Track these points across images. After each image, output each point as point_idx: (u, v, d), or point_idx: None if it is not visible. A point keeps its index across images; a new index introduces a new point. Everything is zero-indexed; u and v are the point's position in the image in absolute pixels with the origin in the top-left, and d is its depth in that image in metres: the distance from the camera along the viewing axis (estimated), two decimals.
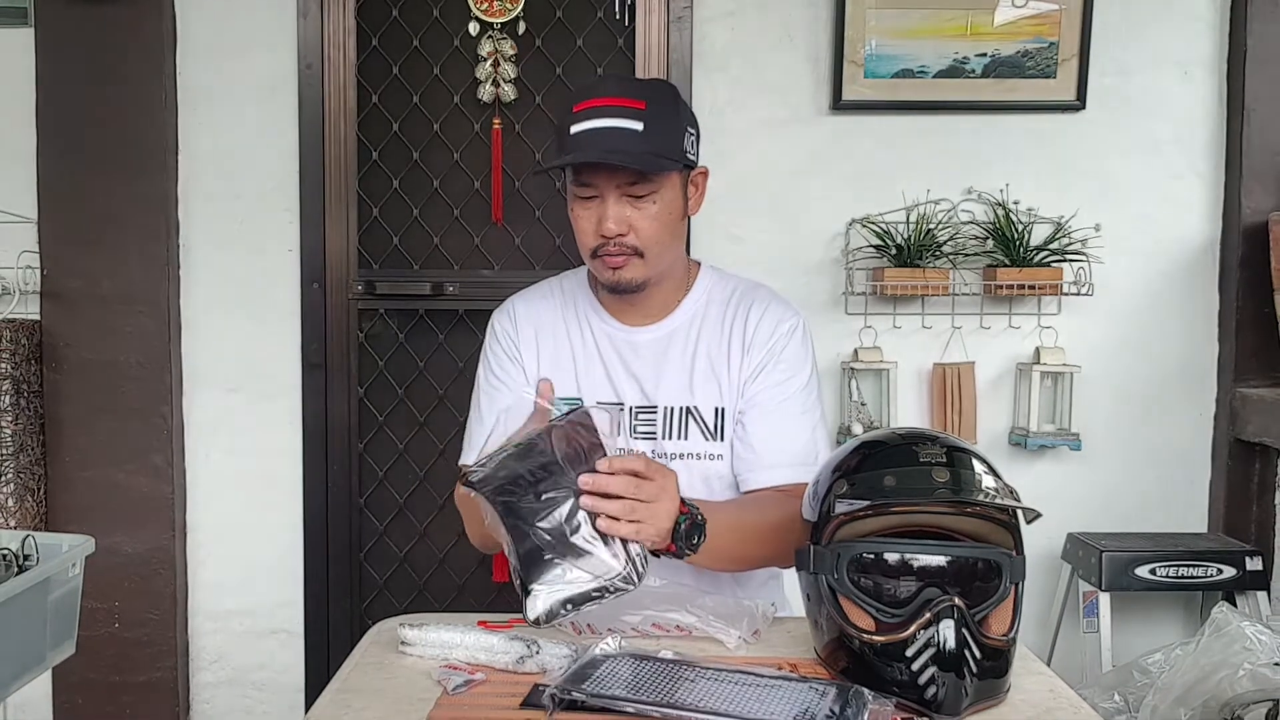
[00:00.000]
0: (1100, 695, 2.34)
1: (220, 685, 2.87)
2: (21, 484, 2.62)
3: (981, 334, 2.82)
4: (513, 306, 1.72)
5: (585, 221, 1.55)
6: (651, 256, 1.56)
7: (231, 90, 2.77)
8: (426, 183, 2.84)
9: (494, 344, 1.71)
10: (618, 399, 1.64)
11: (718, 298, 1.68)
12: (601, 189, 1.52)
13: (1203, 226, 2.84)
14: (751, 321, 1.64)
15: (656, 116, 1.50)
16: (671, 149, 1.52)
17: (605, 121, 1.48)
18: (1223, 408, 2.82)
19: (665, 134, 1.51)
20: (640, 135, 1.48)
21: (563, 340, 1.67)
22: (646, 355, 1.65)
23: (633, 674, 1.20)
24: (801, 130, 2.80)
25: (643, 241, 1.54)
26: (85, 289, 2.69)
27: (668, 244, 1.58)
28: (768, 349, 1.63)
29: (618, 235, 1.52)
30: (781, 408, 1.62)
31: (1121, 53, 2.79)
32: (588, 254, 1.58)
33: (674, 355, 1.64)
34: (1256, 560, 2.60)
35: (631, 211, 1.52)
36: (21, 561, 1.41)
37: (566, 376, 1.66)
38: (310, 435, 2.84)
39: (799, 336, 1.65)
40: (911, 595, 1.18)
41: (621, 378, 1.64)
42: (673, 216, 1.57)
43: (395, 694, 1.22)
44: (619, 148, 1.48)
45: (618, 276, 1.56)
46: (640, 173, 1.50)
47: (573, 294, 1.71)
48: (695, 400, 1.63)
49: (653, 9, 2.79)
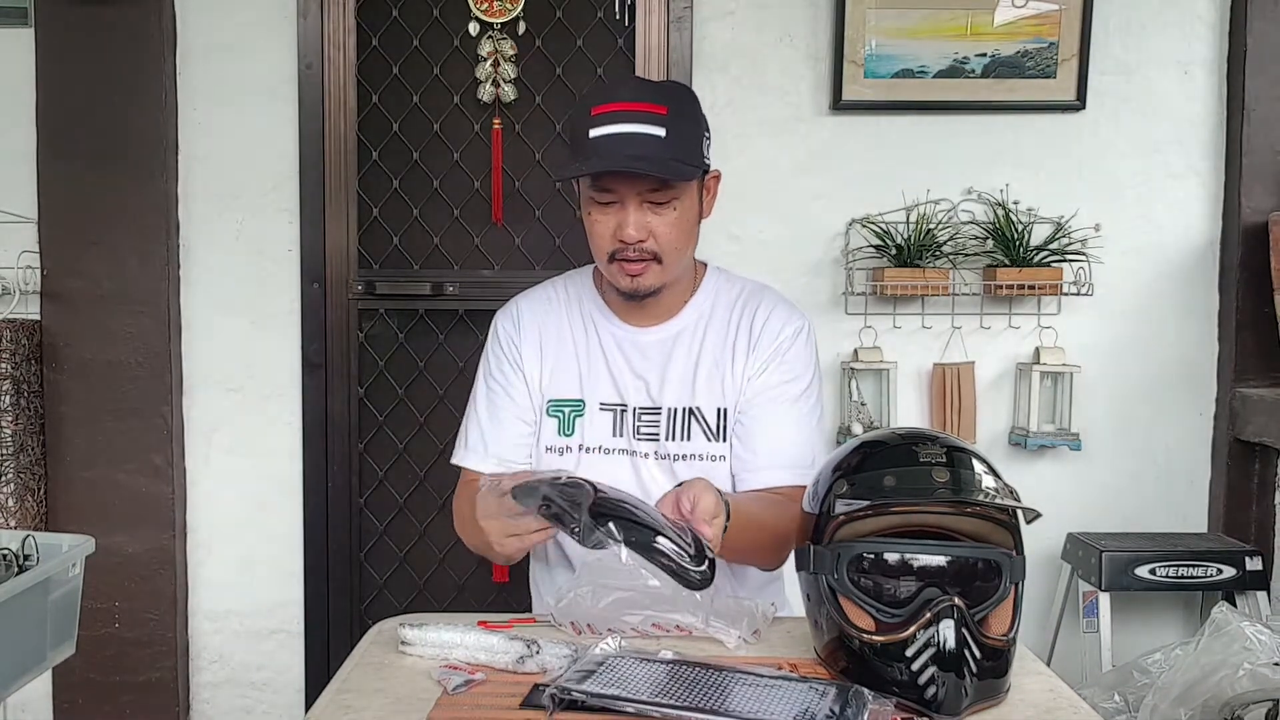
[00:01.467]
0: (1100, 695, 2.34)
1: (220, 685, 2.87)
2: (21, 484, 2.62)
3: (981, 334, 2.82)
4: (516, 307, 1.72)
5: (603, 227, 1.54)
6: (669, 263, 1.56)
7: (231, 90, 2.77)
8: (426, 183, 2.84)
9: (495, 346, 1.71)
10: (621, 400, 1.64)
11: (724, 299, 1.68)
12: (622, 195, 1.51)
13: (1203, 226, 2.84)
14: (758, 322, 1.64)
15: (678, 122, 1.50)
16: (693, 154, 1.52)
17: (627, 127, 1.47)
18: (1223, 408, 2.82)
19: (686, 139, 1.51)
20: (662, 141, 1.47)
21: (567, 341, 1.67)
22: (653, 356, 1.65)
23: (633, 674, 1.20)
24: (801, 130, 2.80)
25: (662, 247, 1.54)
26: (85, 289, 2.69)
27: (685, 249, 1.59)
28: (772, 350, 1.63)
29: (638, 241, 1.52)
30: (782, 409, 1.62)
31: (1121, 53, 2.79)
32: (604, 258, 1.57)
33: (679, 356, 1.64)
34: (1256, 560, 2.60)
35: (652, 218, 1.52)
36: (22, 561, 1.41)
37: (570, 377, 1.66)
38: (310, 435, 2.84)
39: (804, 339, 1.66)
40: (911, 595, 1.18)
41: (626, 379, 1.64)
42: (691, 221, 1.58)
43: (395, 694, 1.22)
44: (642, 154, 1.47)
45: (636, 284, 1.56)
46: (663, 180, 1.50)
47: (578, 294, 1.70)
48: (698, 401, 1.62)
49: (653, 9, 2.79)
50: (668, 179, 1.50)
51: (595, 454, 1.63)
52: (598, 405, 1.64)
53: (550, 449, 1.65)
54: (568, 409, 1.65)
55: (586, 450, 1.63)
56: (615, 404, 1.64)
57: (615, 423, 1.63)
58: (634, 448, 1.62)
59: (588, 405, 1.64)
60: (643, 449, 1.62)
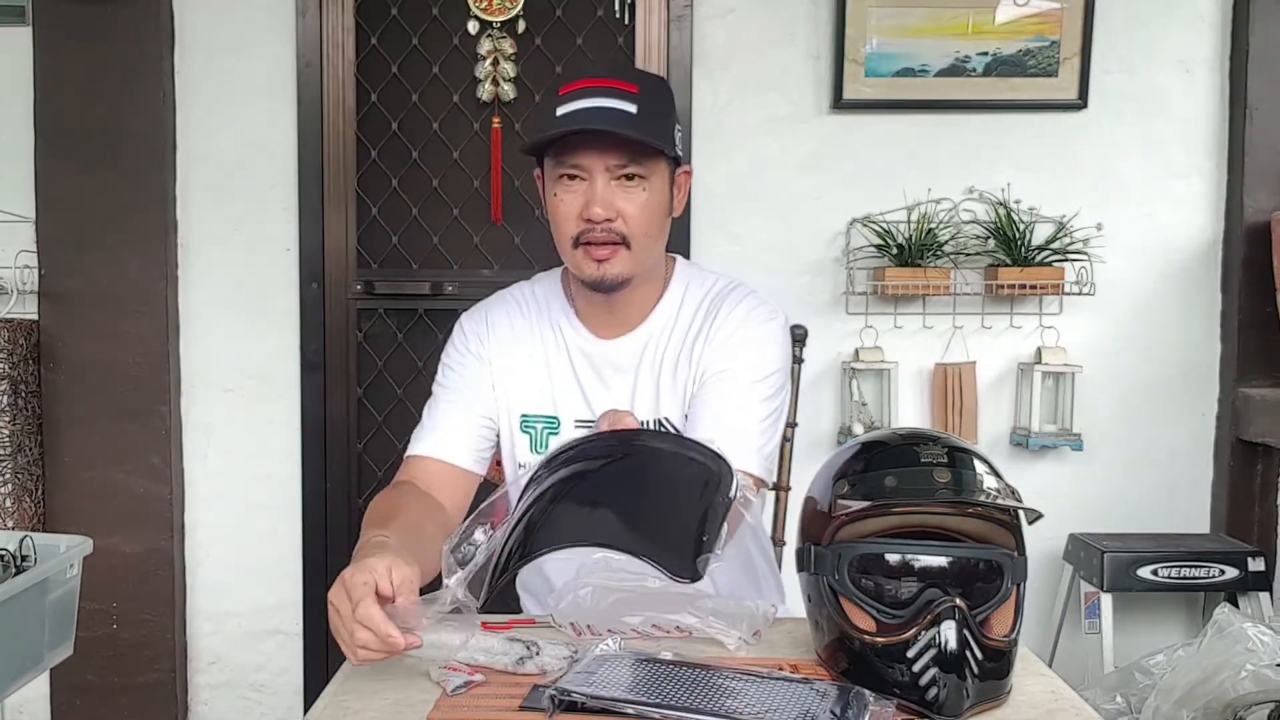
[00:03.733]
0: (1102, 696, 2.33)
1: (218, 687, 2.86)
2: (19, 484, 2.61)
3: (983, 334, 2.82)
4: (486, 314, 1.65)
5: (568, 206, 1.46)
6: (638, 249, 1.48)
7: (230, 89, 2.76)
8: (426, 182, 2.84)
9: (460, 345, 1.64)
10: (591, 414, 1.57)
11: (691, 299, 1.60)
12: (589, 169, 1.45)
13: (1205, 226, 2.83)
14: (720, 318, 1.57)
15: (649, 102, 1.45)
16: (664, 136, 1.47)
17: (597, 101, 1.42)
18: (1225, 408, 2.82)
19: (658, 121, 1.46)
20: (634, 118, 1.42)
21: (537, 353, 1.61)
22: (623, 368, 1.59)
23: (633, 675, 1.20)
24: (802, 129, 2.79)
25: (630, 229, 1.46)
26: (83, 289, 2.69)
27: (654, 238, 1.52)
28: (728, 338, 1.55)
29: (605, 220, 1.45)
30: (735, 390, 1.53)
31: (1124, 51, 2.78)
32: (568, 243, 1.49)
33: (645, 367, 1.59)
34: (1259, 561, 2.60)
35: (620, 197, 1.46)
36: (19, 562, 1.40)
37: (541, 392, 1.60)
38: (309, 435, 2.83)
39: (770, 330, 1.57)
40: (913, 596, 1.17)
41: (597, 393, 1.59)
42: (660, 209, 1.51)
43: (394, 695, 1.22)
44: (612, 126, 1.42)
45: (602, 271, 1.48)
46: (632, 153, 1.44)
47: (546, 301, 1.63)
48: (663, 411, 1.57)
49: (653, 8, 2.78)
50: (641, 141, 1.43)
51: None
52: (572, 422, 1.58)
53: (523, 466, 1.59)
54: (540, 425, 1.60)
55: None
56: (589, 420, 1.57)
57: None
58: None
59: (562, 423, 1.59)
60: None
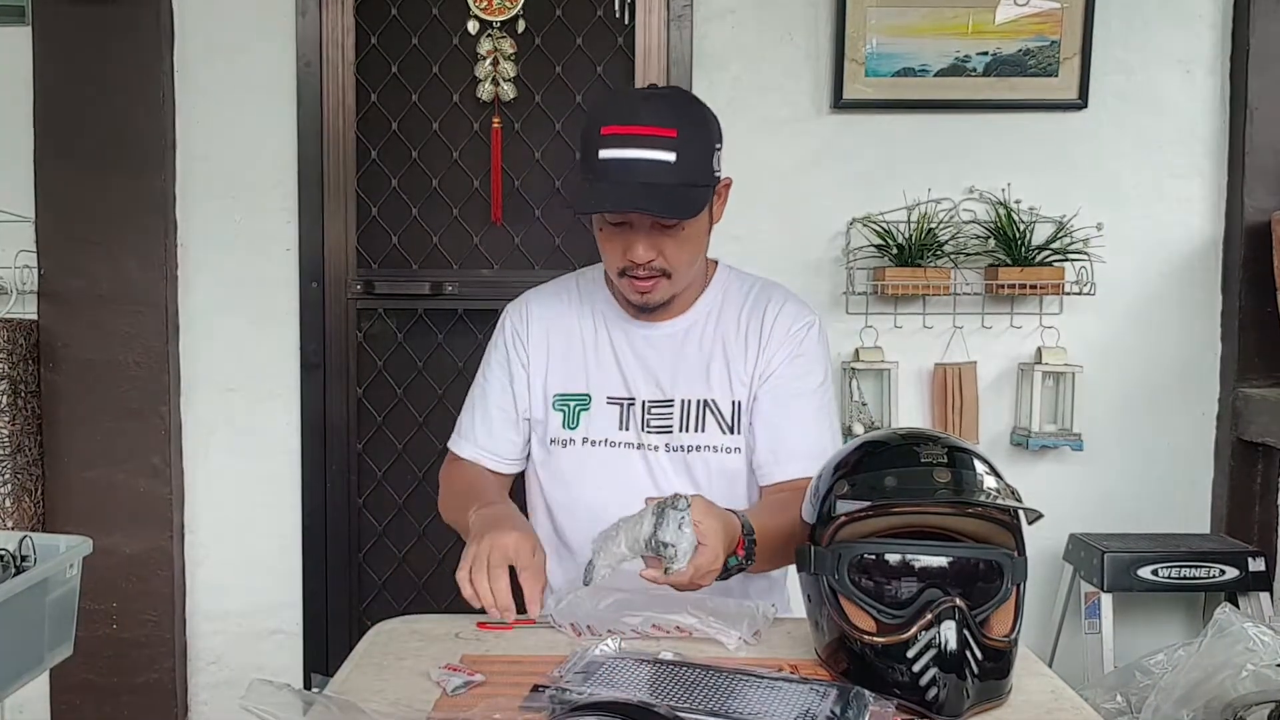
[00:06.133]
0: (1102, 696, 2.33)
1: (219, 686, 2.86)
2: (19, 484, 2.61)
3: (983, 334, 2.82)
4: (526, 304, 1.74)
5: (613, 245, 1.56)
6: (679, 277, 1.58)
7: (230, 89, 2.76)
8: (426, 182, 2.84)
9: (500, 341, 1.73)
10: (629, 394, 1.64)
11: (734, 294, 1.69)
12: (631, 220, 1.52)
13: (1205, 226, 2.83)
14: (769, 317, 1.65)
15: (688, 143, 1.48)
16: (704, 176, 1.52)
17: (636, 152, 1.46)
18: (1225, 408, 2.82)
19: (697, 161, 1.50)
20: (672, 167, 1.46)
21: (574, 336, 1.68)
22: (663, 349, 1.66)
23: (632, 675, 1.20)
24: (802, 129, 2.79)
25: (672, 264, 1.55)
26: (83, 289, 2.69)
27: (695, 261, 1.60)
28: (786, 344, 1.64)
29: (647, 261, 1.53)
30: (801, 402, 1.62)
31: (1124, 51, 2.78)
32: (614, 272, 1.59)
33: (690, 349, 1.65)
34: (1259, 561, 2.60)
35: (663, 239, 1.53)
36: (19, 562, 1.40)
37: (576, 372, 1.67)
38: (309, 435, 2.83)
39: (815, 335, 1.67)
40: (913, 596, 1.17)
41: (635, 373, 1.65)
42: (701, 235, 1.59)
43: (395, 695, 1.22)
44: (651, 181, 1.46)
45: (645, 300, 1.58)
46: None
47: (590, 291, 1.72)
48: (713, 394, 1.63)
49: (652, 8, 2.78)
50: (678, 219, 1.50)
51: (600, 446, 1.63)
52: (604, 399, 1.65)
53: (554, 441, 1.66)
54: (573, 403, 1.66)
55: (591, 443, 1.64)
56: (622, 398, 1.64)
57: (622, 416, 1.63)
58: (643, 441, 1.62)
59: (593, 399, 1.65)
60: (653, 442, 1.62)
